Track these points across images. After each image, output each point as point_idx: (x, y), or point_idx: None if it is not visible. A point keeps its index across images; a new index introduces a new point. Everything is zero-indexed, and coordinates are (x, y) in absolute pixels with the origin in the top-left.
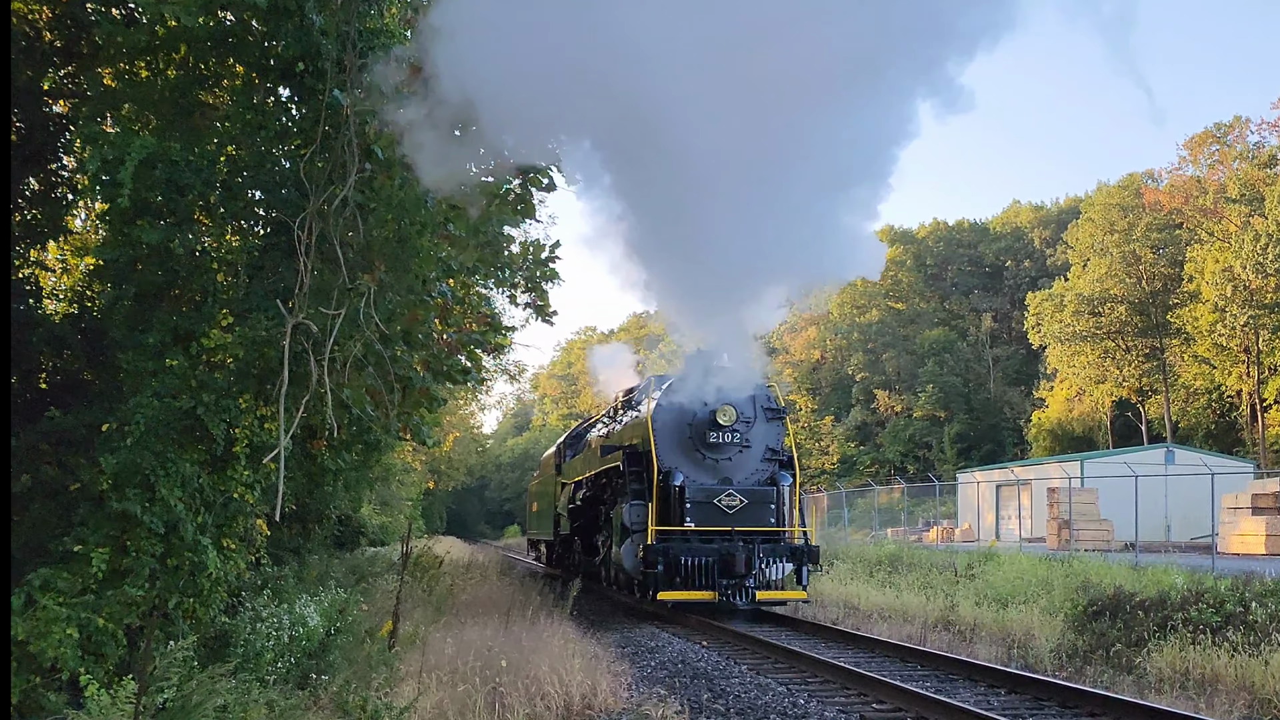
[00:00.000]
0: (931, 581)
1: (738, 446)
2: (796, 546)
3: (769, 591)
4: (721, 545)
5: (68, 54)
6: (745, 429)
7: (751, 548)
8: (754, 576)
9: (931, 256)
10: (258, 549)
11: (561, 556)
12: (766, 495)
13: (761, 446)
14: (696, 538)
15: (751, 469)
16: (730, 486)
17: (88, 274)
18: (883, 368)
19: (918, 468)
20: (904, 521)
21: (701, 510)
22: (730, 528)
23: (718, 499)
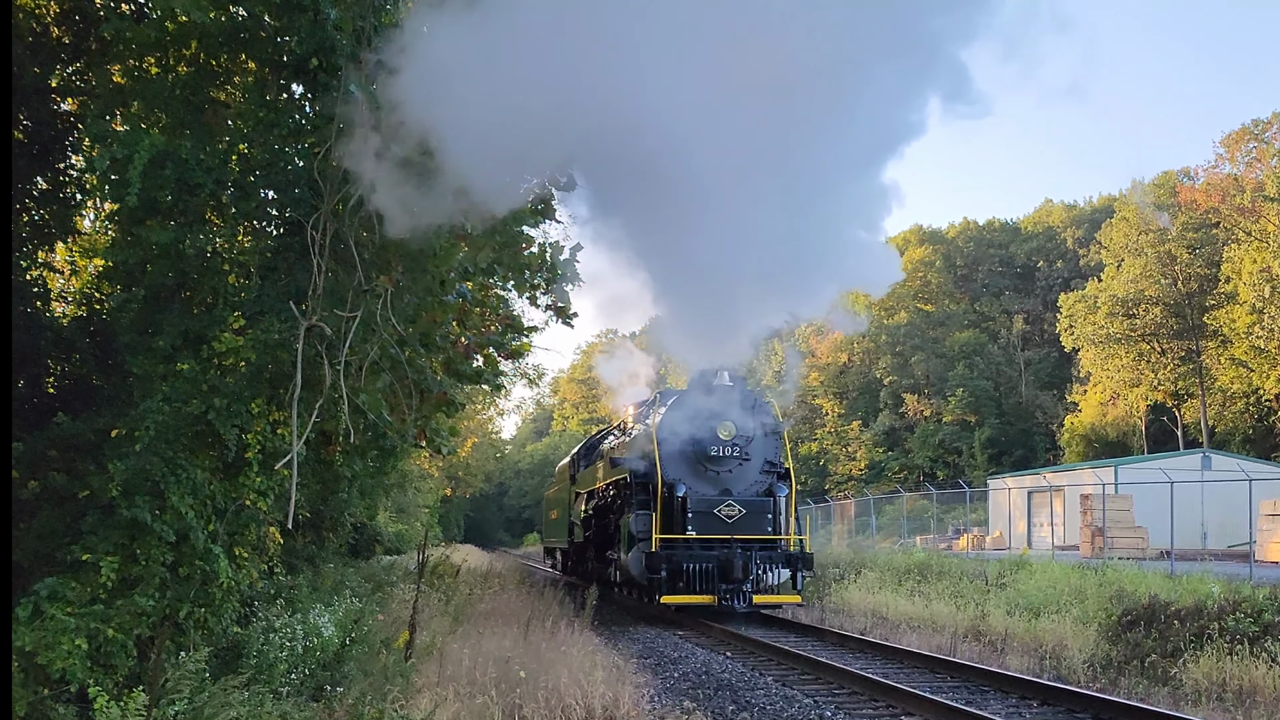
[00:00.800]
0: (962, 590)
1: (737, 460)
2: (792, 553)
3: (765, 595)
4: (721, 552)
5: (76, 50)
6: (745, 443)
7: (749, 554)
8: (751, 581)
9: (961, 257)
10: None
11: (576, 564)
12: (764, 505)
13: (760, 460)
14: (698, 545)
15: (751, 481)
16: (730, 497)
17: (96, 276)
18: (911, 371)
19: (947, 474)
20: (933, 529)
21: (703, 519)
22: (730, 536)
23: (718, 509)
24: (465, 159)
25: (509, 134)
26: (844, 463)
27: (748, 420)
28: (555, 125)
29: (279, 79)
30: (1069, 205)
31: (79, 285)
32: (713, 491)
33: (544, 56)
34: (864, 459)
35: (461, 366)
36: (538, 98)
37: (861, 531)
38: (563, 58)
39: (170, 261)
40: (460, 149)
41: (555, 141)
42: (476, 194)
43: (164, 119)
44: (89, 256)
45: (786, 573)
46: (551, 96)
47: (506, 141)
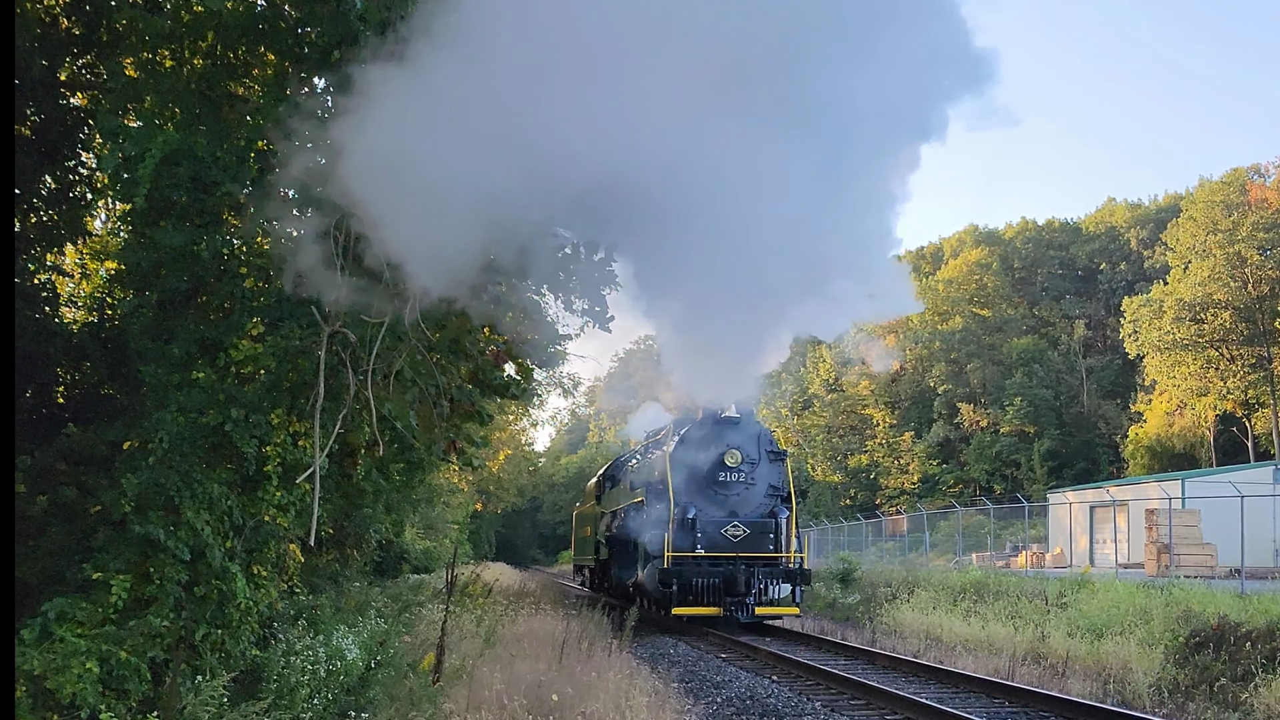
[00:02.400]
0: (1020, 611)
1: (744, 484)
2: (791, 569)
3: (766, 607)
4: (727, 568)
5: (86, 42)
6: (750, 469)
7: (752, 570)
8: (754, 594)
9: (1019, 259)
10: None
11: (602, 579)
12: (767, 526)
13: (765, 484)
14: (706, 562)
15: (756, 503)
16: (736, 518)
17: (108, 279)
18: (967, 379)
19: (1005, 487)
20: (990, 546)
21: (710, 539)
22: (735, 553)
23: (725, 529)
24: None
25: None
26: (895, 476)
27: (753, 448)
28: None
29: (300, 72)
30: (1133, 204)
31: (89, 289)
32: (720, 513)
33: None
34: (917, 472)
35: (491, 376)
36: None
37: (914, 548)
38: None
39: (185, 264)
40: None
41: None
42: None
43: (178, 114)
44: (100, 259)
45: (787, 587)
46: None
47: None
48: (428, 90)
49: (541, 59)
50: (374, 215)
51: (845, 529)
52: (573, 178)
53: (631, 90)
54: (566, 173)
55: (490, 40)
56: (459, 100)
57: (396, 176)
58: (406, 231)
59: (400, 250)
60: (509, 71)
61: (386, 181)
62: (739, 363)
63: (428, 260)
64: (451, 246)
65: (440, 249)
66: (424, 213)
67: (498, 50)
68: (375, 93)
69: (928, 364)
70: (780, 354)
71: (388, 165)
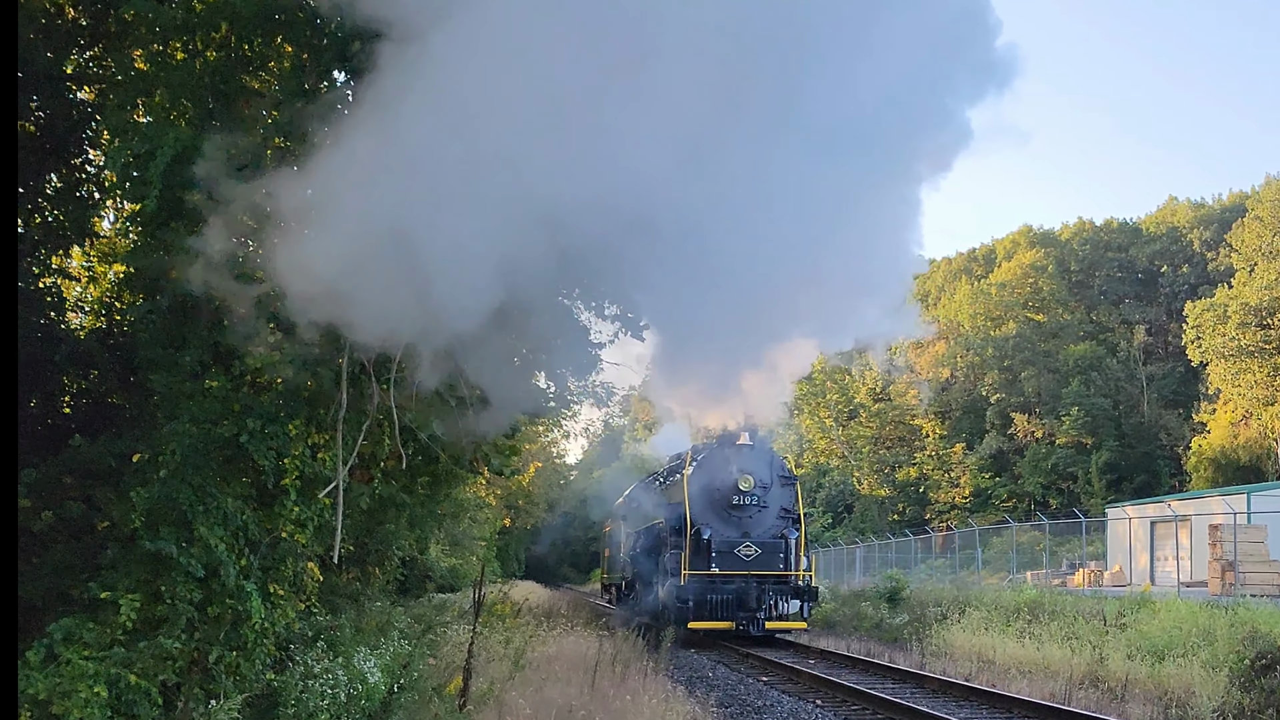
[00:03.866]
0: (1077, 631)
1: (756, 507)
2: (800, 587)
3: (777, 622)
4: (739, 585)
5: (93, 33)
6: (763, 493)
7: (764, 588)
8: (765, 610)
9: (1076, 261)
10: (309, 595)
11: (628, 597)
12: (778, 546)
13: (777, 507)
14: (720, 580)
15: (768, 525)
16: (748, 539)
17: (116, 283)
18: (1021, 388)
19: (1061, 502)
20: (1045, 563)
21: (724, 558)
22: (747, 572)
23: (737, 549)
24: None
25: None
26: (946, 489)
27: (766, 473)
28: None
29: (319, 65)
30: (1196, 203)
31: (97, 294)
32: (734, 534)
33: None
34: (968, 485)
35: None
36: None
37: (965, 566)
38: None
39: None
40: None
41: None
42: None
43: (191, 110)
44: (108, 262)
45: (797, 603)
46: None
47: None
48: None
49: (540, 102)
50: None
51: (893, 545)
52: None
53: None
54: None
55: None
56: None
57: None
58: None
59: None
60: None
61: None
62: (728, 387)
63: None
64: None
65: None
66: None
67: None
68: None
69: (980, 372)
70: (793, 368)
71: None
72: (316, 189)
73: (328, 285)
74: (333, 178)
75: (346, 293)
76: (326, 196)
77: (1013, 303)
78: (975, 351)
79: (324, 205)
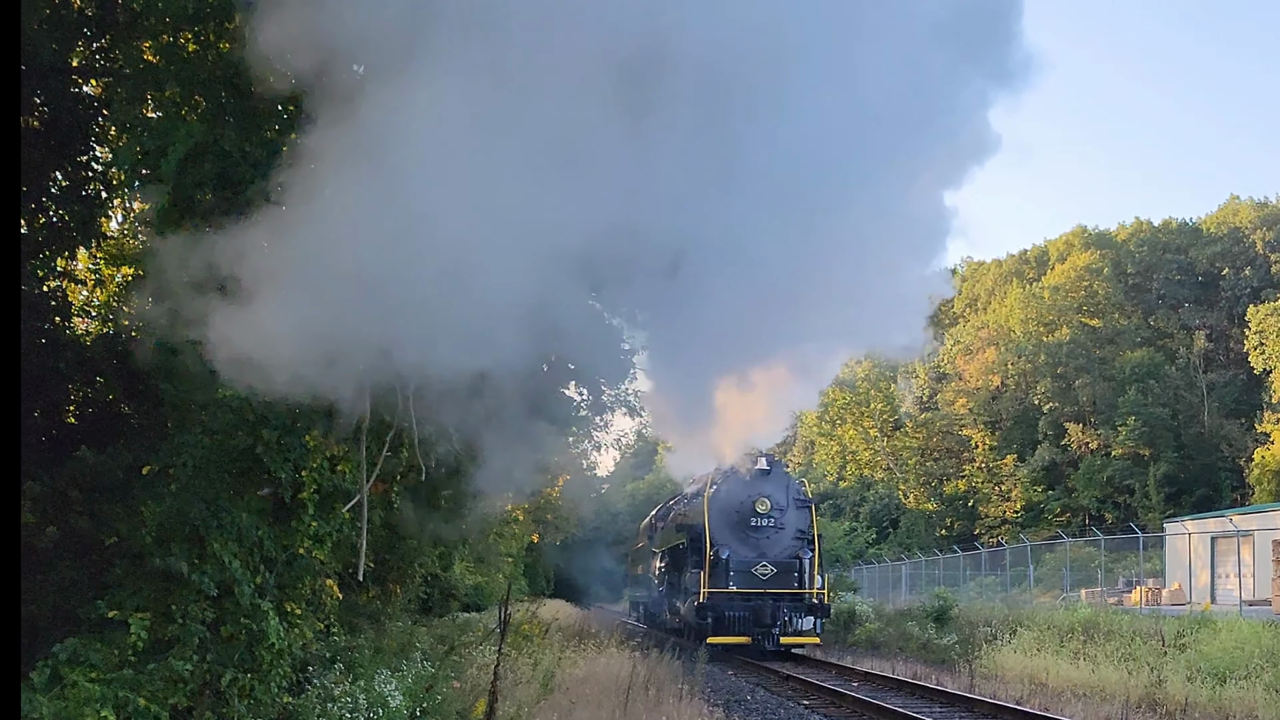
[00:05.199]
0: (1134, 652)
1: (773, 528)
2: (814, 604)
3: (791, 637)
4: (756, 603)
5: (100, 24)
6: (780, 515)
7: (778, 605)
8: (779, 626)
9: (1133, 263)
10: (328, 614)
11: (652, 615)
12: (793, 566)
13: (793, 528)
14: (738, 597)
15: (784, 546)
16: (765, 559)
17: (124, 286)
18: (1075, 396)
19: (1117, 516)
20: (1101, 581)
21: (742, 577)
22: (764, 590)
23: (754, 568)
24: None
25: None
26: (996, 503)
27: (782, 496)
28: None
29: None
30: (1259, 203)
31: (104, 298)
32: (752, 554)
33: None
34: (1019, 499)
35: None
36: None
37: (1017, 584)
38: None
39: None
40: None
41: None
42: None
43: (203, 104)
44: (116, 264)
45: (811, 619)
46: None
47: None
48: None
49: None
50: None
51: (940, 562)
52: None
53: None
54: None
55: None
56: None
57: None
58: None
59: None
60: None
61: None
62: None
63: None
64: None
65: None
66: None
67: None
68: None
69: (1032, 380)
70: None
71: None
72: (323, 234)
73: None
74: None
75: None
76: (333, 246)
77: (1066, 307)
78: (1027, 358)
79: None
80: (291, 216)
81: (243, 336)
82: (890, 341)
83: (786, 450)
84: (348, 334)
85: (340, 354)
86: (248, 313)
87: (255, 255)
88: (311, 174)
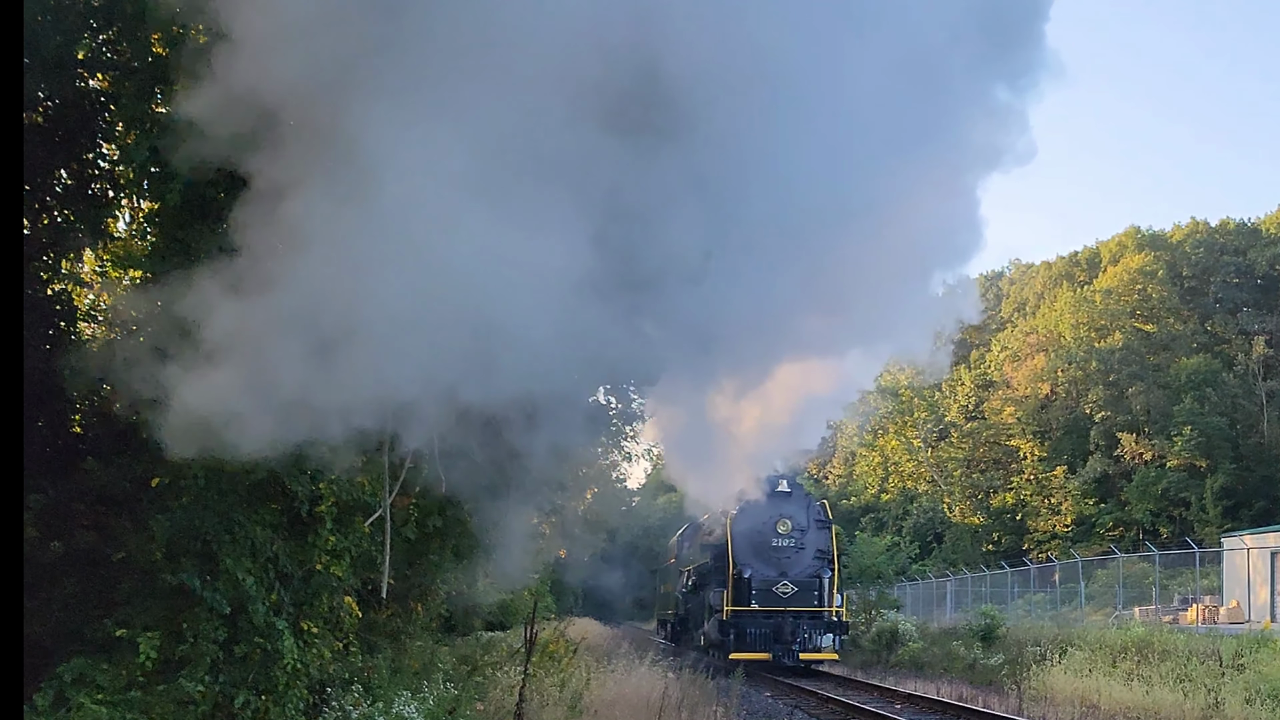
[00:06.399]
0: (1190, 673)
1: (794, 548)
2: (833, 621)
3: (810, 654)
4: (776, 620)
5: (108, 15)
6: (800, 536)
7: (798, 622)
8: (799, 642)
9: (1188, 265)
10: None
11: (679, 632)
12: (813, 584)
13: (813, 549)
14: (760, 615)
15: (804, 565)
16: (785, 578)
17: (132, 290)
18: (1128, 405)
19: (1172, 531)
20: (1155, 598)
21: (763, 595)
22: (784, 608)
23: (775, 587)
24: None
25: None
26: (1045, 517)
27: (803, 517)
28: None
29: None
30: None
31: (111, 301)
32: (773, 573)
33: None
34: (1070, 513)
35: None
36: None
37: (1067, 601)
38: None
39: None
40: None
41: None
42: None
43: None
44: (123, 267)
45: (830, 636)
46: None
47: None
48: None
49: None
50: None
51: (987, 579)
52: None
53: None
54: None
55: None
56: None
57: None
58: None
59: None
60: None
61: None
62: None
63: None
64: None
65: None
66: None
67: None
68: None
69: (1083, 387)
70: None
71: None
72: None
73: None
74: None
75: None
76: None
77: (1119, 311)
78: (1078, 365)
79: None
80: (285, 268)
81: (212, 398)
82: (908, 351)
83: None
84: (363, 387)
85: (355, 409)
86: (223, 373)
87: (227, 312)
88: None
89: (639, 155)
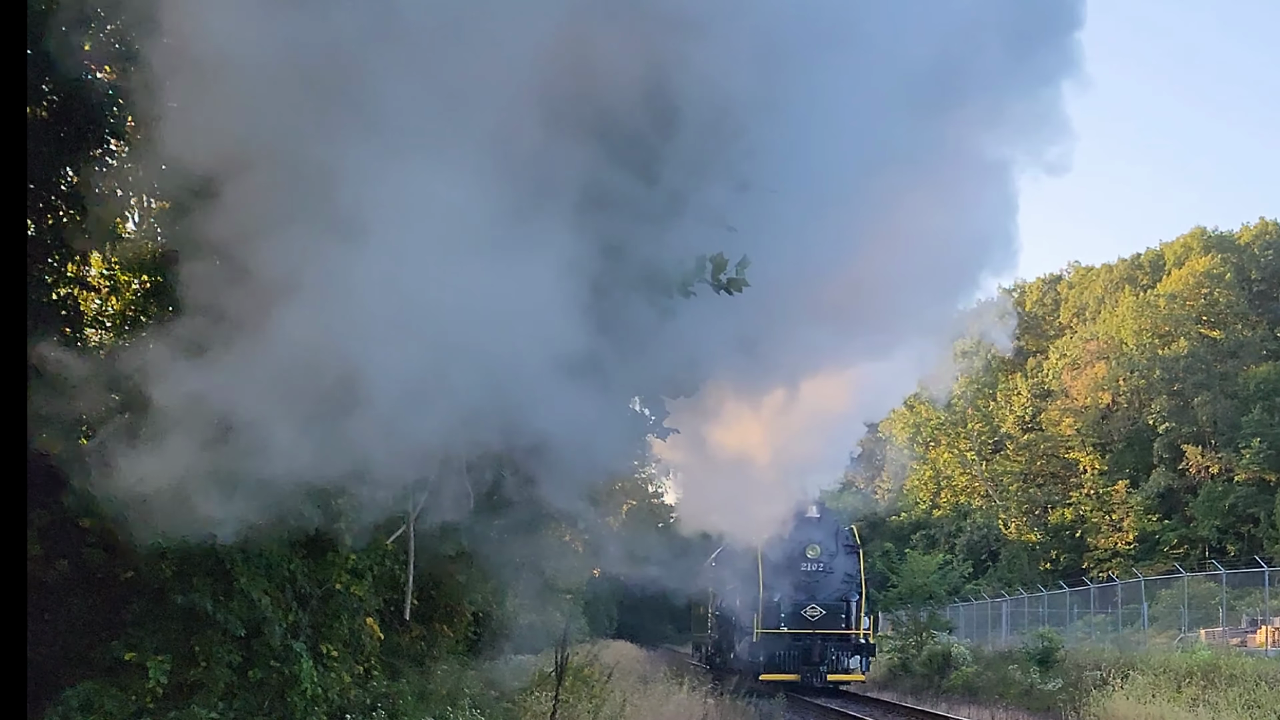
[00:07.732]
0: (1259, 699)
1: (823, 572)
2: (860, 644)
3: (837, 675)
4: (805, 642)
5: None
6: (829, 560)
7: (826, 644)
8: (827, 664)
9: (1258, 268)
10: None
11: (712, 655)
12: (840, 608)
13: (841, 573)
14: (789, 637)
15: (833, 589)
16: (814, 601)
17: (142, 295)
18: (1194, 416)
19: (1240, 548)
20: (1222, 619)
21: (792, 618)
22: (812, 630)
23: (804, 610)
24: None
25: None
26: (1106, 534)
27: (831, 542)
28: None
29: None
30: None
31: (119, 307)
32: (802, 597)
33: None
34: (1132, 529)
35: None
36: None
37: (1129, 623)
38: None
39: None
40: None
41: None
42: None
43: None
44: (132, 270)
45: (857, 658)
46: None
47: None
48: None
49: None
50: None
51: (1045, 599)
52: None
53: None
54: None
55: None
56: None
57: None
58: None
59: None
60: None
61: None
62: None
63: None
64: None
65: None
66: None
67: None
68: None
69: (1146, 397)
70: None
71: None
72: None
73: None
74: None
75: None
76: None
77: (1184, 317)
78: (1140, 374)
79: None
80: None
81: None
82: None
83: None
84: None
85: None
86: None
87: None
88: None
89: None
